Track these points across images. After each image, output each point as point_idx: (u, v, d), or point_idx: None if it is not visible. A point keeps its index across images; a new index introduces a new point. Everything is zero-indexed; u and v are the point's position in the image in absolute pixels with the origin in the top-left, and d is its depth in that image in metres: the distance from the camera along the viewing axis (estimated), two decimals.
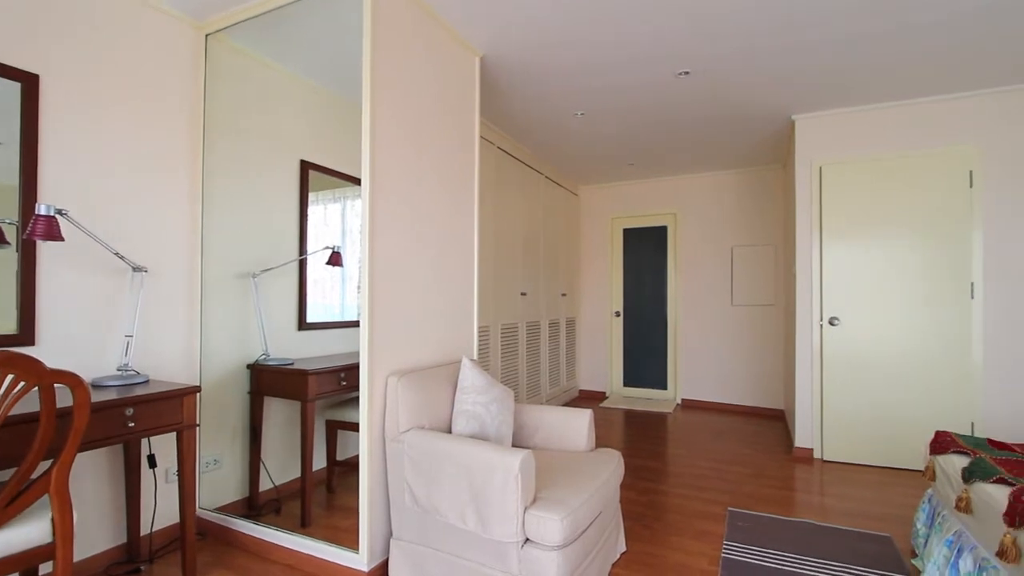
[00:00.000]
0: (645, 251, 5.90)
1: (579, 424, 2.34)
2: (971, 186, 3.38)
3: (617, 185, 5.98)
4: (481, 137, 3.77)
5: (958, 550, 1.86)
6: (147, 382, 2.10)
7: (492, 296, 4.00)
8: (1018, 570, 1.45)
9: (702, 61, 2.92)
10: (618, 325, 6.01)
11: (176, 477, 2.43)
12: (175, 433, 2.15)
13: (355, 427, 2.66)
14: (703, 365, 5.52)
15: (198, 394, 2.25)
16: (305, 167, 3.05)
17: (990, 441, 2.12)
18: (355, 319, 2.57)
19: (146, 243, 2.34)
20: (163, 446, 2.42)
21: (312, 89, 3.15)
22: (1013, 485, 1.61)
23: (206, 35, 2.56)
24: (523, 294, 4.54)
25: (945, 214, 3.43)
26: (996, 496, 1.62)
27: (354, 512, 2.15)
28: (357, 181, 2.09)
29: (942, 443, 2.14)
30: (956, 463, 1.97)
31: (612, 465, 2.14)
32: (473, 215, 2.80)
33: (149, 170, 2.35)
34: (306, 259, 3.09)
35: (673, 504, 2.91)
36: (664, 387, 5.78)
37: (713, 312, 5.48)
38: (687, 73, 3.06)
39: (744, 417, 5.08)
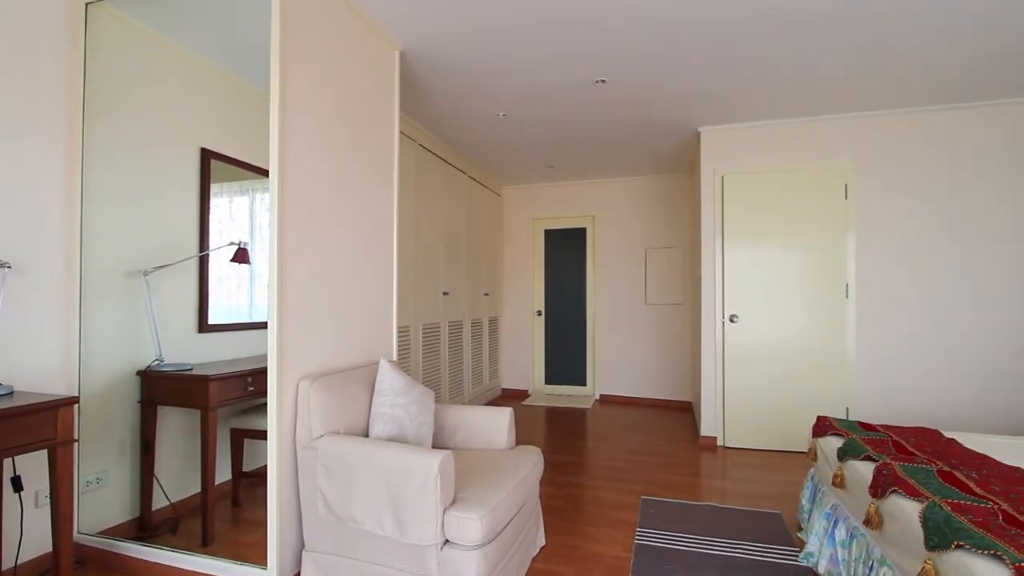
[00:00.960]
0: (565, 252, 6.07)
1: (500, 423, 2.36)
2: (846, 198, 3.81)
3: (539, 187, 6.10)
4: (402, 133, 3.69)
5: (835, 521, 2.08)
6: (11, 394, 1.84)
7: (413, 295, 3.93)
8: (880, 535, 1.66)
9: (617, 71, 3.05)
10: (540, 324, 6.14)
11: (48, 500, 2.15)
12: (47, 451, 1.90)
13: (264, 435, 2.50)
14: (619, 361, 5.77)
15: (76, 406, 2.01)
16: (207, 156, 2.83)
17: (860, 423, 2.40)
18: (265, 320, 2.42)
19: (8, 235, 2.05)
20: (34, 466, 2.13)
21: (215, 73, 2.92)
22: (876, 461, 1.83)
23: (86, 3, 2.29)
24: (445, 293, 4.50)
25: (825, 222, 3.84)
26: (863, 472, 1.83)
27: (262, 525, 2.02)
28: (267, 173, 1.97)
29: (822, 427, 2.39)
30: (833, 444, 2.21)
31: (532, 462, 2.18)
32: (392, 212, 2.73)
33: (14, 152, 2.06)
34: (208, 255, 2.87)
35: (591, 496, 3.02)
36: (584, 383, 5.98)
37: (628, 311, 5.75)
38: (604, 81, 3.19)
39: (657, 410, 5.37)
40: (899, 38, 2.70)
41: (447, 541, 1.70)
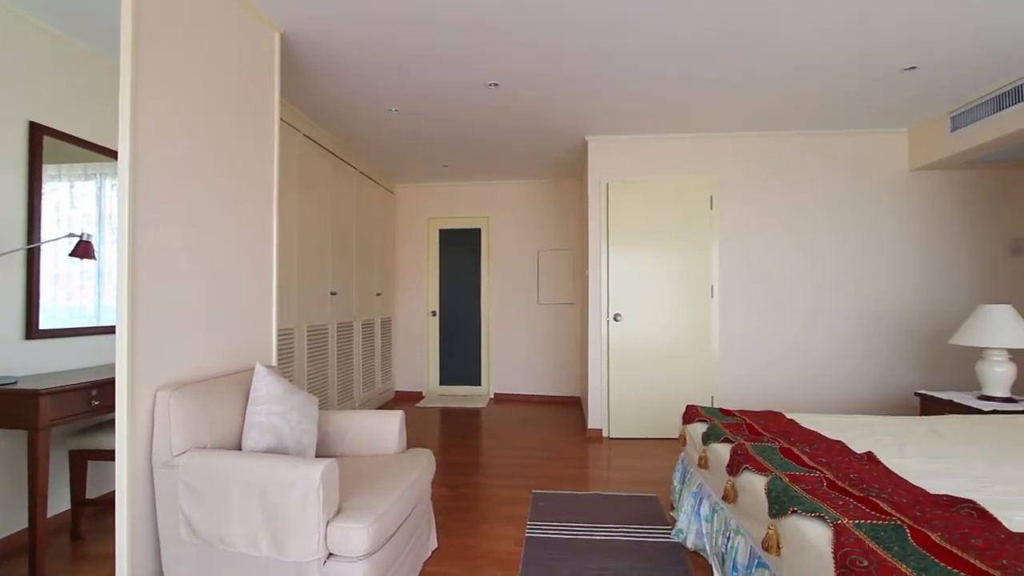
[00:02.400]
0: (460, 252, 6.07)
1: (390, 426, 2.29)
2: (712, 208, 4.25)
3: (433, 186, 6.03)
4: (285, 122, 3.44)
5: (700, 499, 2.31)
6: None
7: (297, 295, 3.68)
8: (736, 508, 1.87)
9: (509, 76, 3.11)
10: (434, 324, 6.07)
11: None
12: None
13: (113, 455, 2.19)
14: (513, 360, 5.90)
15: None
16: (37, 131, 2.41)
17: (721, 410, 2.69)
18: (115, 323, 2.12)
19: None
20: None
21: (50, 36, 2.50)
22: (733, 443, 2.05)
23: None
24: (333, 294, 4.28)
25: (695, 229, 4.25)
26: (722, 453, 2.05)
27: (110, 559, 1.76)
28: (117, 155, 1.72)
29: (690, 415, 2.64)
30: (699, 430, 2.45)
31: (423, 464, 2.14)
32: (272, 204, 2.53)
33: None
34: (39, 248, 2.45)
35: (484, 494, 3.05)
36: (478, 383, 6.02)
37: (521, 311, 5.89)
38: (496, 85, 3.24)
39: (548, 406, 5.57)
40: (765, 70, 3.07)
41: (331, 555, 1.61)
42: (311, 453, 2.00)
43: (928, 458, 1.92)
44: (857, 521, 1.28)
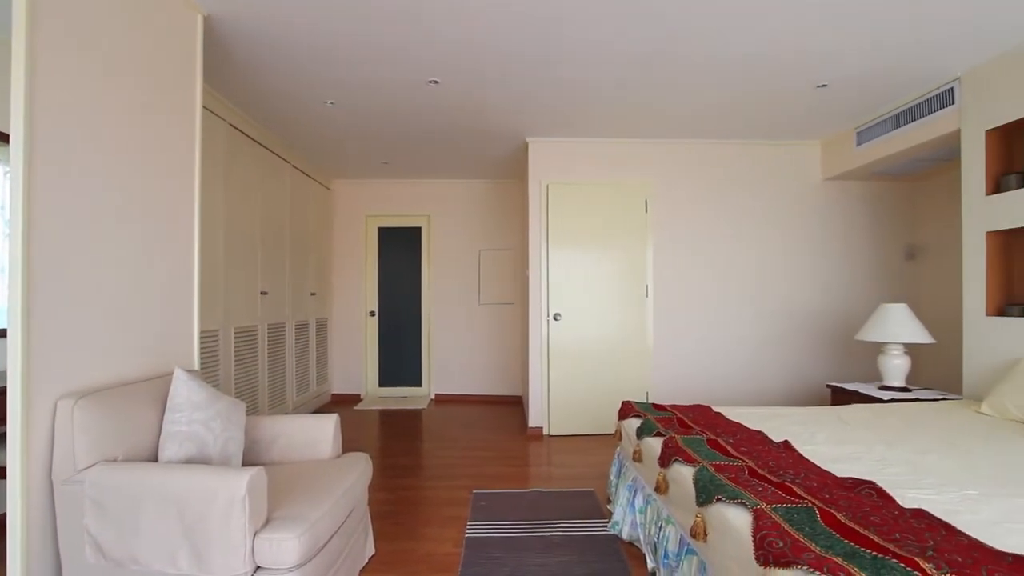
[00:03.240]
0: (400, 251, 5.96)
1: (324, 430, 2.21)
2: (646, 211, 4.41)
3: (372, 183, 5.88)
4: (208, 110, 3.22)
5: (635, 492, 2.39)
6: None
7: (224, 295, 3.47)
8: (667, 498, 1.95)
9: (448, 74, 3.09)
10: (373, 325, 5.92)
11: None
12: None
13: (4, 473, 1.98)
14: (454, 360, 5.86)
15: None
16: None
17: (654, 405, 2.80)
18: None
19: None
20: None
21: None
22: (664, 436, 2.14)
23: None
24: (264, 293, 4.07)
25: (631, 231, 4.40)
26: (655, 446, 2.13)
27: None
28: (7, 139, 1.54)
29: (625, 410, 2.72)
30: (633, 425, 2.53)
31: (359, 469, 2.08)
32: (193, 197, 2.36)
33: None
34: None
35: (424, 497, 3.00)
36: (419, 384, 5.94)
37: (463, 310, 5.87)
38: (436, 83, 3.20)
39: (490, 406, 5.58)
40: (693, 83, 3.23)
41: (258, 568, 1.53)
42: (237, 462, 1.90)
43: (836, 444, 2.09)
44: (774, 505, 1.37)
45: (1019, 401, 2.45)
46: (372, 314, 5.92)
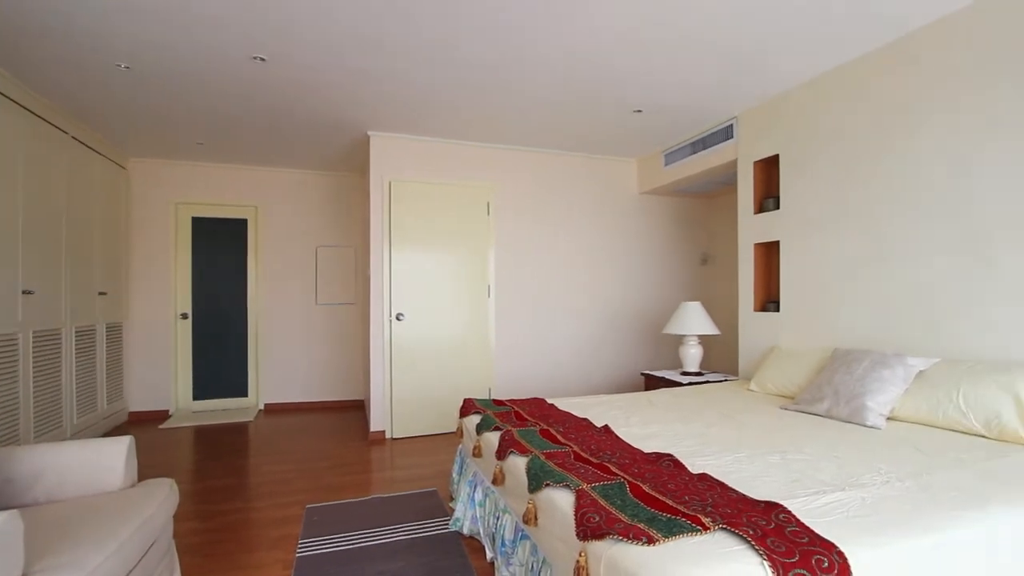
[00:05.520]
0: (221, 245, 5.28)
1: (111, 457, 1.85)
2: (489, 214, 4.56)
3: (183, 165, 5.10)
4: None
5: (475, 486, 2.45)
6: None
7: None
8: (504, 489, 2.03)
9: (278, 55, 2.82)
10: (186, 329, 5.16)
11: None
12: None
13: None
14: (288, 366, 5.39)
15: None
16: None
17: (495, 400, 2.90)
18: None
19: None
20: None
21: None
22: (502, 430, 2.23)
23: None
24: (27, 293, 3.27)
25: (474, 232, 4.51)
26: (493, 440, 2.21)
27: None
28: None
29: (466, 408, 2.78)
30: (474, 421, 2.60)
31: (159, 498, 1.79)
32: None
33: None
34: None
35: (249, 519, 2.70)
36: (244, 394, 5.33)
37: (298, 311, 5.43)
38: (263, 60, 2.90)
39: (329, 412, 5.24)
40: (526, 99, 3.41)
41: None
42: None
43: (645, 424, 2.40)
44: (593, 484, 1.52)
45: (775, 379, 3.08)
46: (184, 317, 5.14)
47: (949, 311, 2.49)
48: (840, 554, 1.14)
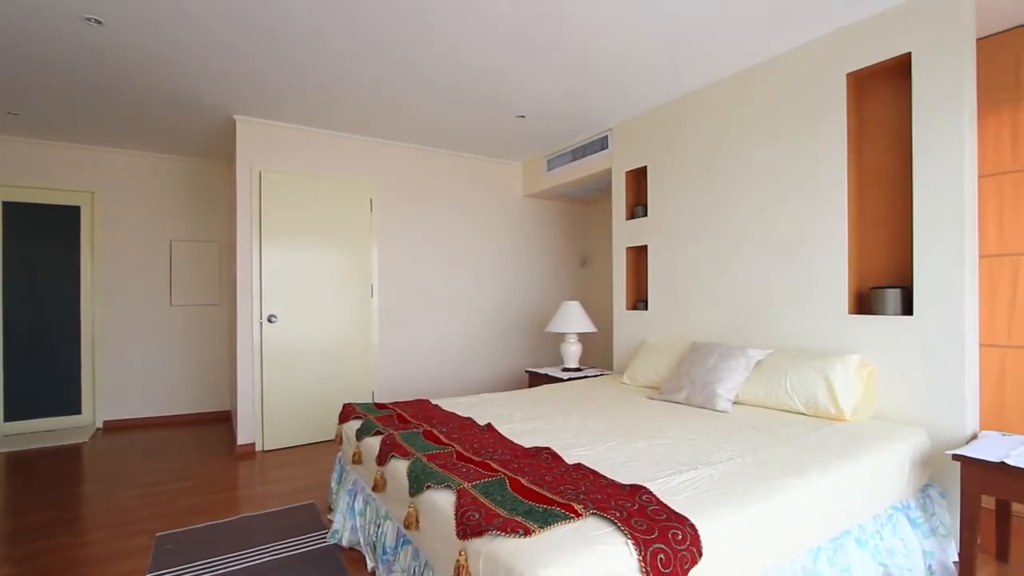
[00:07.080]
0: (44, 237, 4.46)
1: None
2: (371, 211, 4.40)
3: None
4: None
5: (355, 495, 2.35)
6: None
7: None
8: (385, 495, 1.97)
9: (119, 17, 2.45)
10: None
11: None
12: None
13: None
14: (134, 376, 4.72)
15: None
16: None
17: (376, 404, 2.80)
18: None
19: None
20: None
21: None
22: (383, 434, 2.17)
23: None
24: None
25: (356, 230, 4.31)
26: (374, 445, 2.14)
27: None
28: None
29: (346, 413, 2.65)
30: (354, 427, 2.48)
31: None
32: None
33: None
34: None
35: (79, 556, 2.32)
36: (76, 411, 4.56)
37: (148, 314, 4.77)
38: (99, 22, 2.50)
39: (188, 427, 4.69)
40: (412, 98, 3.33)
41: None
42: None
43: (527, 420, 2.48)
44: (474, 482, 1.53)
45: (644, 372, 3.36)
46: None
47: (780, 309, 2.91)
48: (692, 526, 1.28)
